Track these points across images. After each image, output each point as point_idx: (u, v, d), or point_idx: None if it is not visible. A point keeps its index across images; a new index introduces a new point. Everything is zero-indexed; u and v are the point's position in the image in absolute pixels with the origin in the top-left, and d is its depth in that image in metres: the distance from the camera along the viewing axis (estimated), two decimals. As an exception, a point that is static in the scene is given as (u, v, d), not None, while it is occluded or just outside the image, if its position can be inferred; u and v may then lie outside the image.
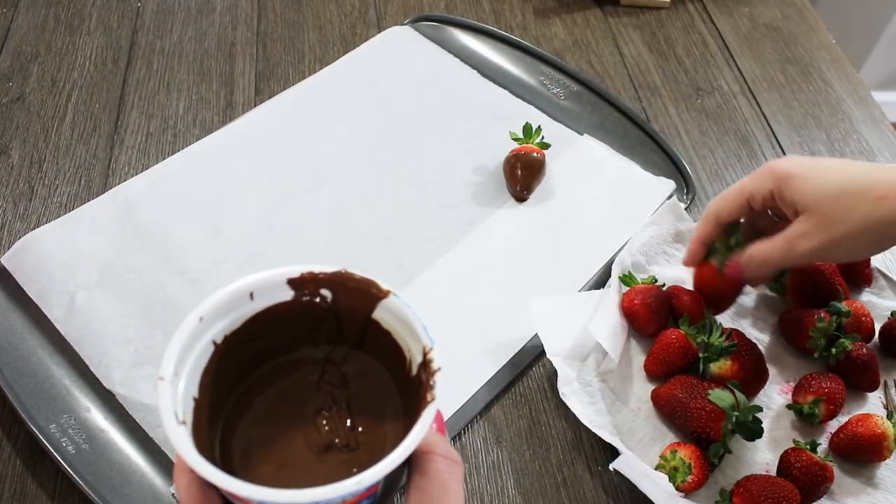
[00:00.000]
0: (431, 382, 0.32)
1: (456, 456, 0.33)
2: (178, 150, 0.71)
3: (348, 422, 0.35)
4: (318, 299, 0.36)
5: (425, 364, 0.33)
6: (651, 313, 0.59)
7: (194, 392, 0.32)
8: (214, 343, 0.34)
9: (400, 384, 0.36)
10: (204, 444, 0.31)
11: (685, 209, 0.69)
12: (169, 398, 0.30)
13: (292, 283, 0.35)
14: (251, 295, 0.35)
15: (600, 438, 0.54)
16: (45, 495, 0.51)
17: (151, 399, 0.54)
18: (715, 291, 0.59)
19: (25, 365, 0.55)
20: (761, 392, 0.59)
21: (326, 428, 0.35)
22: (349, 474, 0.29)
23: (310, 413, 0.35)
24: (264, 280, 0.35)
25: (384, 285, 0.35)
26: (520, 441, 0.56)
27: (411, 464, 0.32)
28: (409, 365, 0.35)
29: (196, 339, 0.33)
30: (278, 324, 0.36)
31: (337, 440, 0.34)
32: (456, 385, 0.58)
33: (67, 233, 0.63)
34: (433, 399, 0.31)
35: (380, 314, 0.35)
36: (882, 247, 0.50)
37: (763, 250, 0.53)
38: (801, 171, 0.50)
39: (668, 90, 0.83)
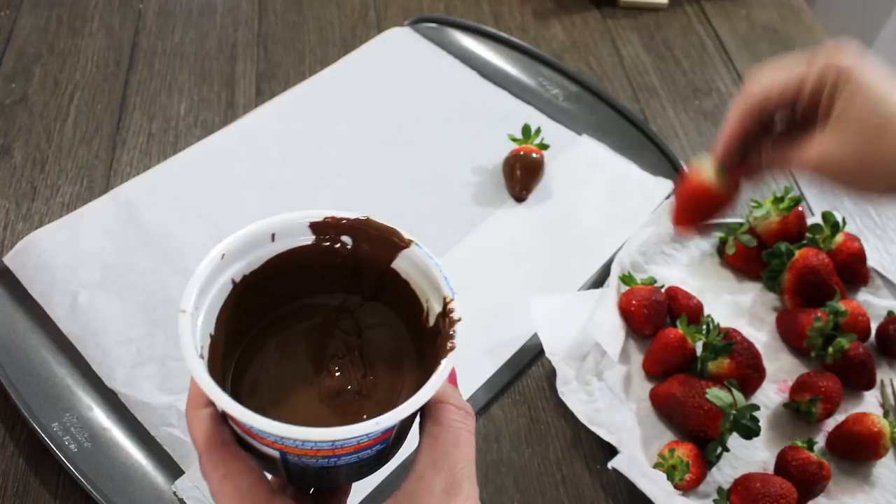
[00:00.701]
0: (452, 331, 0.32)
1: (469, 408, 0.33)
2: (180, 151, 0.71)
3: (360, 369, 0.35)
4: (337, 245, 0.36)
5: (446, 314, 0.33)
6: (648, 315, 0.60)
7: (211, 329, 0.32)
8: (233, 282, 0.34)
9: (415, 335, 0.36)
10: (218, 381, 0.31)
11: (683, 209, 0.69)
12: (189, 331, 0.30)
13: (314, 227, 0.35)
14: (273, 236, 0.34)
15: (599, 437, 0.55)
16: (47, 493, 0.52)
17: (153, 398, 0.55)
18: (707, 201, 0.51)
19: (28, 364, 0.56)
20: (759, 391, 0.59)
21: (338, 374, 0.35)
22: (359, 420, 0.29)
23: (322, 359, 0.35)
24: (287, 222, 0.35)
25: (406, 235, 0.35)
26: (519, 440, 0.57)
27: (424, 413, 0.33)
28: (426, 316, 0.35)
29: (216, 276, 0.33)
30: (296, 268, 0.35)
31: (349, 386, 0.34)
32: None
33: (70, 233, 0.63)
34: (453, 348, 0.31)
35: (399, 264, 0.35)
36: None
37: (792, 160, 0.46)
38: (863, 78, 0.44)
39: (666, 91, 0.83)
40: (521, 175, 0.69)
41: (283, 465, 0.31)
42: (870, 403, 0.60)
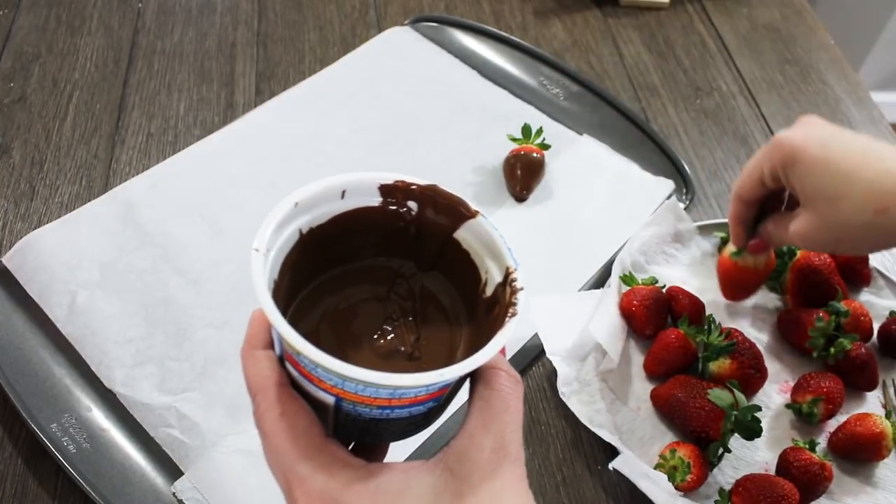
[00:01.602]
0: (514, 299, 0.32)
1: (518, 376, 0.34)
2: (179, 151, 0.71)
3: (413, 333, 0.35)
4: (403, 209, 0.36)
5: (508, 283, 0.33)
6: (648, 315, 0.60)
7: (275, 275, 0.33)
8: (300, 232, 0.34)
9: (469, 305, 0.36)
10: None
11: (684, 209, 0.69)
12: (261, 268, 0.31)
13: (383, 189, 0.36)
14: (343, 193, 0.35)
15: (600, 438, 0.54)
16: (46, 494, 0.51)
17: (152, 398, 0.54)
18: (743, 278, 0.59)
19: (27, 364, 0.56)
20: (760, 391, 0.59)
21: (392, 335, 0.35)
22: None
23: (377, 319, 0.36)
24: (358, 181, 0.35)
25: (473, 205, 0.35)
26: (519, 440, 0.57)
27: (475, 378, 0.33)
28: (483, 286, 0.35)
29: (287, 223, 0.33)
30: (361, 227, 0.36)
31: (402, 348, 0.35)
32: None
33: (68, 233, 0.63)
34: (515, 314, 0.32)
35: (462, 234, 0.36)
36: (887, 247, 0.50)
37: (780, 236, 0.53)
38: (808, 156, 0.48)
39: (668, 90, 0.83)
40: (522, 175, 0.69)
41: (335, 414, 0.31)
42: (872, 404, 0.60)
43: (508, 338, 0.31)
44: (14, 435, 0.54)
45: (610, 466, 0.52)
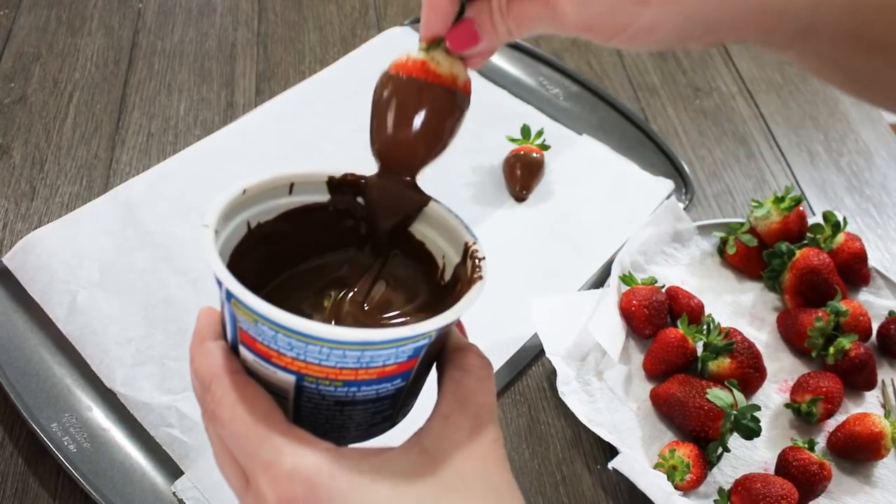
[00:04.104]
0: (478, 267, 0.32)
1: (487, 358, 0.33)
2: (179, 151, 0.71)
3: (376, 314, 0.34)
4: (352, 206, 0.35)
5: (469, 257, 0.32)
6: (648, 315, 0.60)
7: (225, 262, 0.31)
8: (248, 225, 0.33)
9: (430, 291, 0.35)
10: None
11: (684, 209, 0.69)
12: (212, 245, 0.30)
13: (331, 184, 0.34)
14: (291, 187, 0.34)
15: (599, 437, 0.54)
16: (46, 494, 0.51)
17: (152, 398, 0.54)
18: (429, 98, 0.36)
19: (27, 364, 0.56)
20: (759, 391, 0.59)
21: (353, 316, 0.34)
22: None
23: (336, 305, 0.34)
24: (306, 175, 0.34)
25: (423, 191, 0.34)
26: (519, 440, 0.57)
27: (445, 360, 0.32)
28: (440, 273, 0.34)
29: (236, 212, 0.32)
30: (309, 226, 0.34)
31: (365, 306, 0.33)
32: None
33: (69, 232, 0.63)
34: (481, 277, 0.31)
35: (414, 225, 0.35)
36: (718, 33, 0.33)
37: (518, 18, 0.34)
38: None
39: (667, 91, 0.83)
40: (522, 175, 0.69)
41: (296, 400, 0.30)
42: (871, 404, 0.60)
43: (475, 301, 0.30)
44: (14, 434, 0.54)
45: (609, 466, 0.52)
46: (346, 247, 0.36)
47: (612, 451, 0.55)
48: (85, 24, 0.84)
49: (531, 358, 0.60)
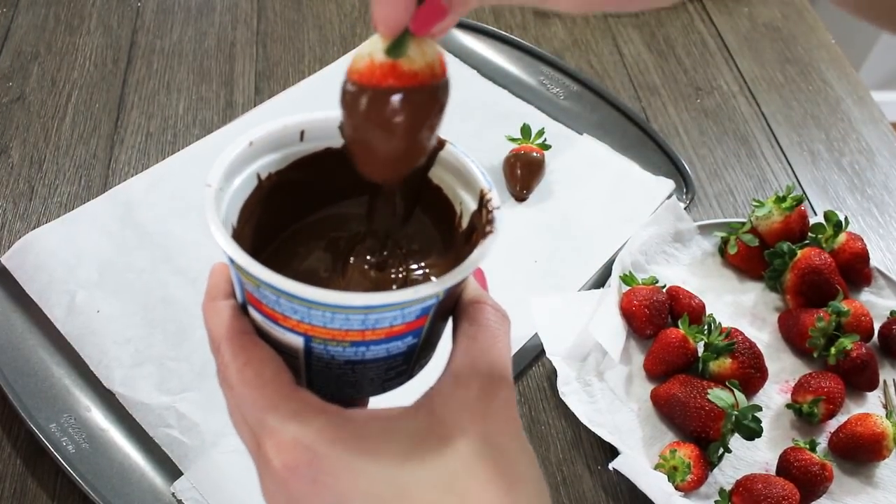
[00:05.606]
0: (491, 217, 0.30)
1: (504, 311, 0.31)
2: (178, 150, 0.71)
3: (387, 269, 0.33)
4: None
5: (484, 205, 0.31)
6: (649, 315, 0.59)
7: (233, 220, 0.30)
8: (259, 177, 0.32)
9: (446, 239, 0.34)
10: None
11: (684, 209, 0.69)
12: (214, 205, 0.29)
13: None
14: (302, 134, 0.33)
15: (600, 438, 0.54)
16: (45, 494, 0.51)
17: (151, 398, 0.54)
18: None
19: (26, 364, 0.55)
20: (760, 391, 0.59)
21: (363, 270, 0.32)
22: None
23: (347, 259, 0.33)
24: (318, 120, 0.33)
25: (440, 135, 0.32)
26: (519, 440, 0.56)
27: (459, 313, 0.31)
28: (458, 219, 0.33)
29: (243, 165, 0.31)
30: (323, 173, 0.33)
31: (375, 283, 0.32)
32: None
33: (67, 232, 0.63)
34: (493, 231, 0.30)
35: (433, 170, 0.33)
36: None
37: None
38: None
39: (668, 90, 0.83)
40: (522, 174, 0.69)
41: (306, 361, 0.29)
42: (872, 404, 0.60)
43: (487, 255, 0.28)
44: (13, 435, 0.54)
45: (610, 466, 0.52)
46: (362, 193, 0.34)
47: (612, 452, 0.54)
48: (83, 22, 0.84)
49: (531, 358, 0.60)
